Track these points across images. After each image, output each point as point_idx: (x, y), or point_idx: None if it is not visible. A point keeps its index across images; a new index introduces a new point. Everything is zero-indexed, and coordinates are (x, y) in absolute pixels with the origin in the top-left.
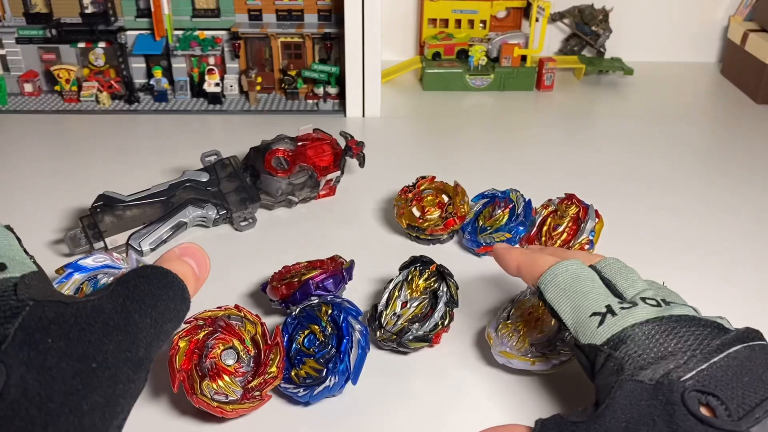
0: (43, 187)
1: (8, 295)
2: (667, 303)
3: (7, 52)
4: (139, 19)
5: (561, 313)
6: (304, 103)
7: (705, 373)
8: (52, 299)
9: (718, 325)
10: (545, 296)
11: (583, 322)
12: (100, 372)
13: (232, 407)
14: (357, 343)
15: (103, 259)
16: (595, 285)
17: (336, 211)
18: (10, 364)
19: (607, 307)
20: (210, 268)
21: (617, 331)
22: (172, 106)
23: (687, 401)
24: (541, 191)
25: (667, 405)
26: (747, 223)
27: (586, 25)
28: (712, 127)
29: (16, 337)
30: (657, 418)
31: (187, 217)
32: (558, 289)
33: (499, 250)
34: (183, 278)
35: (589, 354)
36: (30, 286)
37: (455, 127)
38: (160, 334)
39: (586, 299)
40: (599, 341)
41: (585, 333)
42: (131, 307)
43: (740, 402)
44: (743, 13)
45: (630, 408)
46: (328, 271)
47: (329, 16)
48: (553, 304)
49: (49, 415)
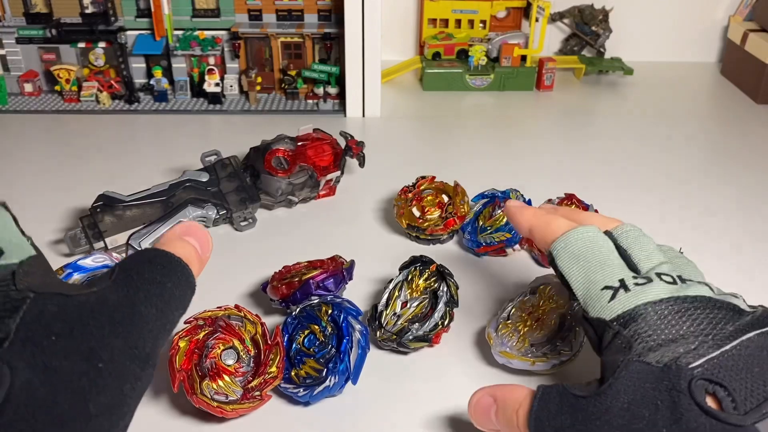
0: (43, 187)
1: (7, 284)
2: (683, 281)
3: (7, 52)
4: (139, 19)
5: (572, 283)
6: (304, 103)
7: (715, 362)
8: (54, 291)
9: (734, 307)
10: (556, 263)
11: (594, 295)
12: (107, 371)
13: (232, 407)
14: (357, 343)
15: (103, 259)
16: (610, 256)
17: (336, 211)
18: (14, 365)
19: (621, 282)
20: (212, 246)
21: (629, 308)
22: (172, 106)
23: (693, 390)
24: (541, 191)
25: (673, 391)
26: (747, 222)
27: (586, 25)
28: (712, 127)
29: (18, 334)
30: (660, 404)
31: (187, 217)
32: (571, 257)
33: (512, 209)
34: (186, 260)
35: (597, 328)
36: (29, 274)
37: (455, 127)
38: (166, 324)
39: (599, 270)
40: (609, 316)
41: (595, 306)
42: (136, 297)
43: (748, 394)
44: (743, 13)
45: (634, 389)
46: (329, 271)
47: (329, 16)
48: (565, 272)
49: (56, 419)
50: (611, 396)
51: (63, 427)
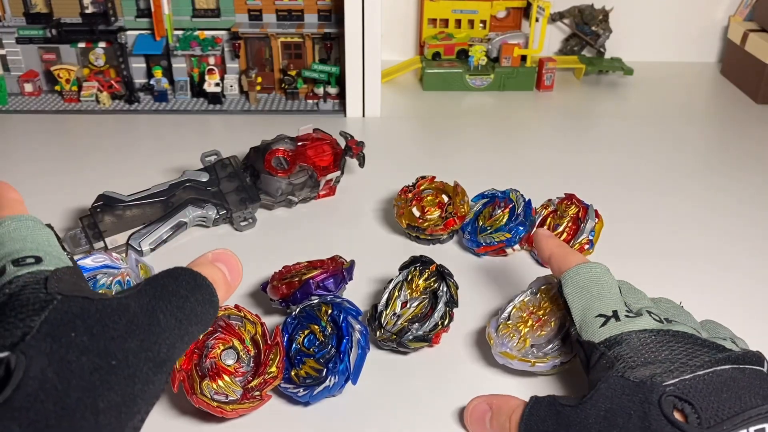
0: (43, 187)
1: (39, 288)
2: (669, 321)
3: (8, 52)
4: (139, 19)
5: (572, 309)
6: (304, 103)
7: (687, 383)
8: (80, 294)
9: (717, 345)
10: (563, 289)
11: (588, 321)
12: (119, 370)
13: (232, 407)
14: (357, 343)
15: (103, 259)
16: (611, 291)
17: (336, 211)
18: (31, 355)
19: (614, 312)
20: (242, 275)
21: (616, 334)
22: (172, 106)
23: (662, 403)
24: (541, 191)
25: (644, 403)
26: (747, 222)
27: (586, 25)
28: (712, 127)
29: (41, 330)
30: (633, 413)
31: (187, 217)
32: (576, 286)
33: (540, 236)
34: (213, 282)
35: (587, 350)
36: (61, 280)
37: (455, 127)
38: (184, 336)
39: (597, 301)
40: (597, 339)
41: (587, 330)
42: (157, 306)
43: (713, 413)
44: (743, 13)
45: (611, 400)
46: (329, 271)
47: (329, 16)
48: (568, 299)
49: (64, 410)
50: (591, 405)
51: (71, 419)
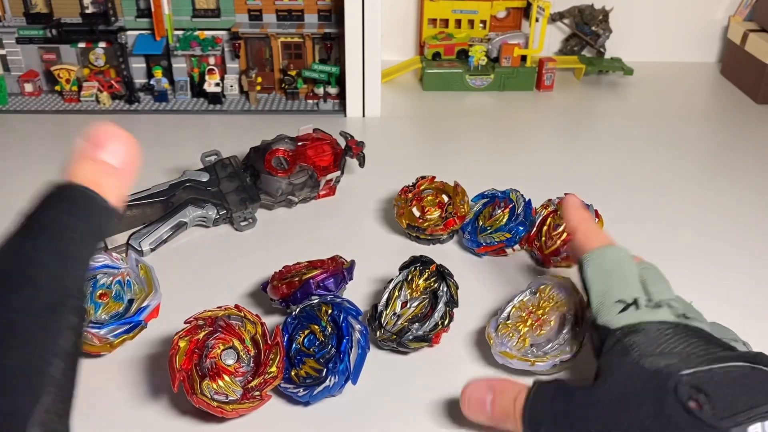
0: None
1: None
2: (688, 317)
3: (8, 52)
4: (139, 19)
5: (591, 291)
6: (304, 103)
7: (703, 374)
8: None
9: (729, 346)
10: (584, 270)
11: (607, 305)
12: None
13: (232, 407)
14: (357, 343)
15: (103, 259)
16: (633, 278)
17: (336, 211)
18: None
19: (634, 300)
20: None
21: (634, 322)
22: (172, 106)
23: (679, 391)
24: (541, 191)
25: (660, 390)
26: (747, 222)
27: (586, 25)
28: (712, 127)
29: None
30: (647, 399)
31: (187, 217)
32: (599, 268)
33: (569, 205)
34: (95, 183)
35: (602, 334)
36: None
37: (455, 127)
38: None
39: (618, 286)
40: (614, 325)
41: (605, 315)
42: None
43: (727, 405)
44: (743, 13)
45: (625, 385)
46: (329, 271)
47: (329, 16)
48: (589, 280)
49: None
50: (604, 388)
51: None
